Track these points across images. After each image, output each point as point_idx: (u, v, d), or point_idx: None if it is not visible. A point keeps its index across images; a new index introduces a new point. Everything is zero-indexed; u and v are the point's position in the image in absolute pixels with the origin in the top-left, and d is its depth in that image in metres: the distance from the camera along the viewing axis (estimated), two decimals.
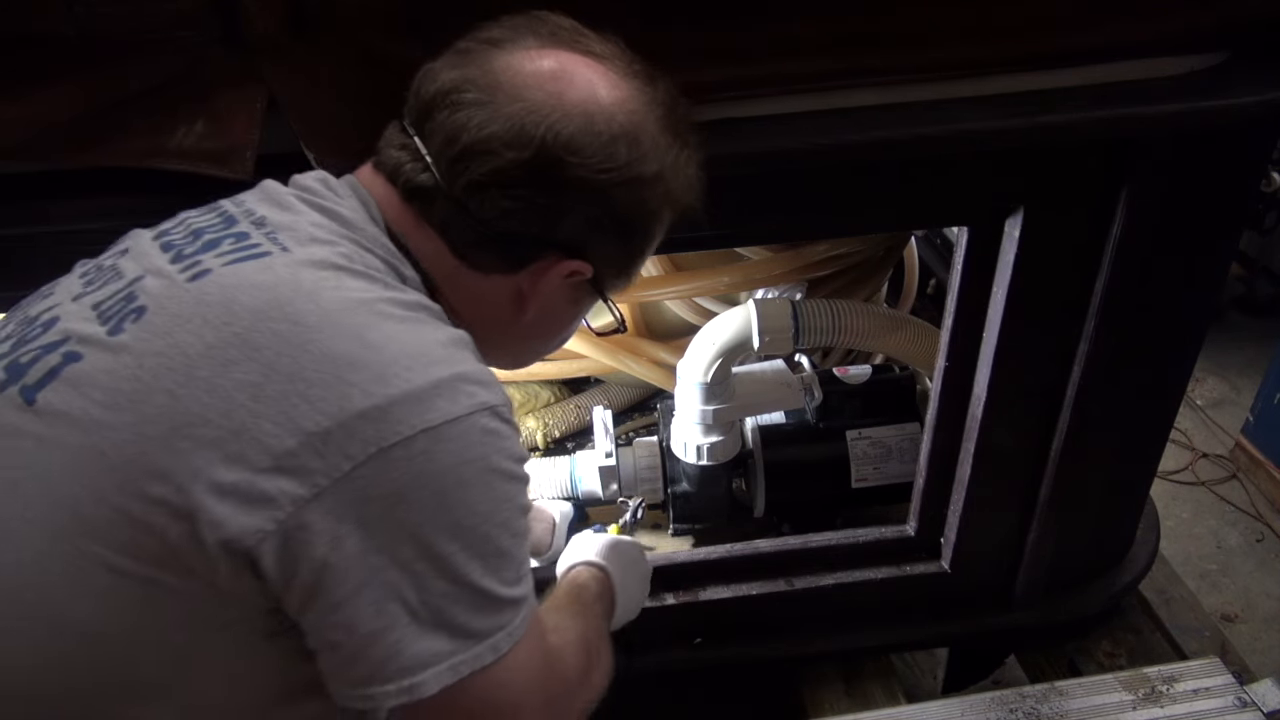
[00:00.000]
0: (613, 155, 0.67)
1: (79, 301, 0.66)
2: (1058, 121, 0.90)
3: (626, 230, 0.73)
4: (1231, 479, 2.38)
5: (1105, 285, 1.05)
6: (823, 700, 1.38)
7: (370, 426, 0.57)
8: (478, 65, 0.68)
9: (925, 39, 0.87)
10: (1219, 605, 2.04)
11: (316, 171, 0.75)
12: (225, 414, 0.57)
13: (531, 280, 0.72)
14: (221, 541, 0.56)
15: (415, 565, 0.59)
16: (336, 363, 0.58)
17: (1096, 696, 1.28)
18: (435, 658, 0.59)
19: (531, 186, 0.67)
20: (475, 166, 0.67)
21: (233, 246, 0.65)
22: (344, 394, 0.57)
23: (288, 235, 0.66)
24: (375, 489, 0.57)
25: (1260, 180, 1.12)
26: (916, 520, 1.33)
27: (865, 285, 1.54)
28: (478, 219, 0.69)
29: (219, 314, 0.60)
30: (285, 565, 0.57)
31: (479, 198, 0.68)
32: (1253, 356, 2.70)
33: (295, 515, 0.56)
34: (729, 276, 1.43)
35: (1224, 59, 0.94)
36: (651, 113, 0.71)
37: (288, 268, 0.63)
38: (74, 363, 0.61)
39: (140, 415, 0.57)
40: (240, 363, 0.58)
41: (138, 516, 0.56)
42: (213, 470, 0.56)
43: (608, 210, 0.70)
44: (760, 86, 0.88)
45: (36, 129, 0.79)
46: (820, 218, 1.05)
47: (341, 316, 0.60)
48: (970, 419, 1.19)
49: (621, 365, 1.53)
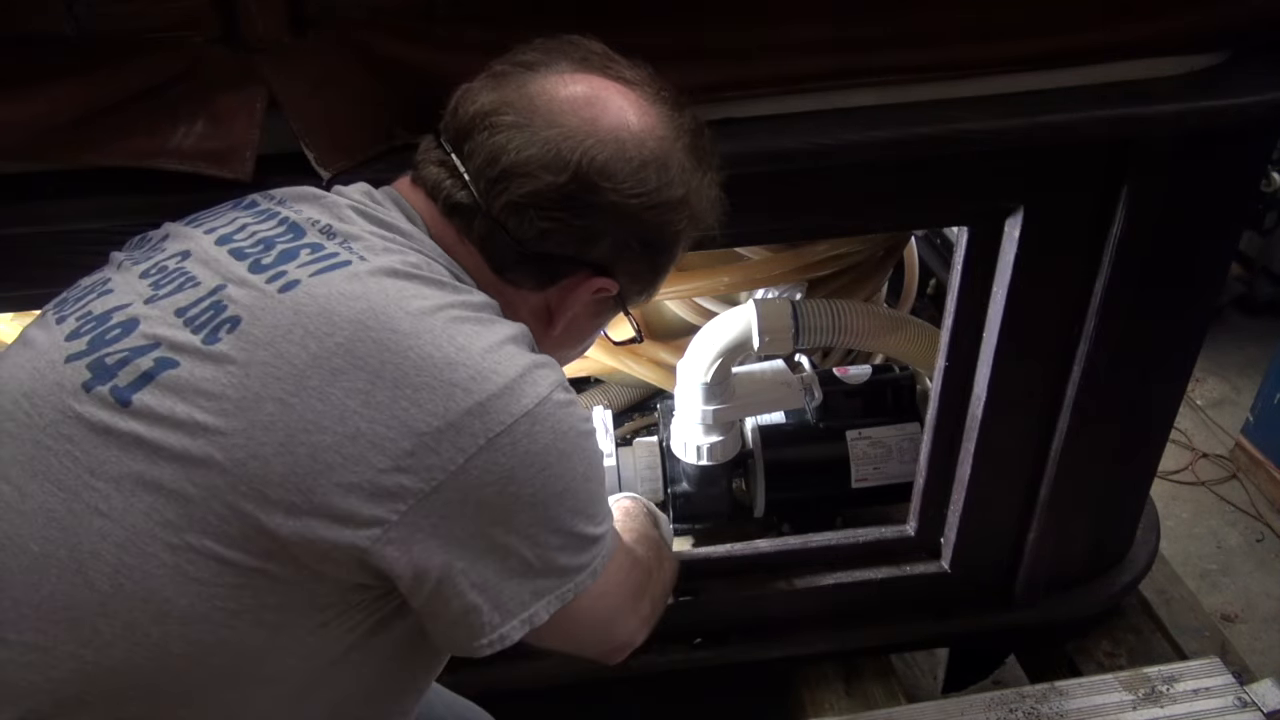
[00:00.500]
0: (643, 180, 0.71)
1: (156, 305, 0.67)
2: (1058, 121, 0.90)
3: (652, 250, 0.77)
4: (1231, 479, 2.37)
5: (1105, 285, 1.05)
6: (823, 700, 1.38)
7: (477, 421, 0.62)
8: (514, 88, 0.72)
9: (925, 39, 0.87)
10: (1219, 605, 2.04)
11: (359, 184, 0.78)
12: (340, 419, 0.61)
13: (560, 295, 0.77)
14: (342, 536, 0.61)
15: (530, 530, 0.66)
16: (436, 365, 0.63)
17: (1096, 696, 1.28)
18: (546, 590, 0.68)
19: (567, 209, 0.71)
20: (514, 188, 0.70)
21: (311, 257, 0.68)
22: (449, 394, 0.62)
23: (359, 245, 0.69)
24: (489, 475, 0.63)
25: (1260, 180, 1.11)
26: (916, 520, 1.33)
27: (865, 285, 1.54)
28: (515, 238, 0.72)
29: (320, 325, 0.63)
30: (408, 554, 0.62)
31: (517, 218, 0.71)
32: (1253, 356, 2.70)
33: (417, 507, 0.62)
34: (729, 276, 1.43)
35: (1224, 59, 0.94)
36: (679, 139, 0.74)
37: (372, 277, 0.66)
38: (170, 369, 0.63)
39: (251, 422, 0.61)
40: (347, 371, 0.62)
41: (250, 514, 0.60)
42: (334, 473, 0.60)
43: (636, 232, 0.74)
44: (760, 86, 0.89)
45: (36, 129, 0.79)
46: (820, 218, 1.05)
47: (430, 322, 0.65)
48: (970, 419, 1.19)
49: (621, 365, 1.53)
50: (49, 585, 0.60)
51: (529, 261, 0.74)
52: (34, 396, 0.64)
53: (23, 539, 0.61)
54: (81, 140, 0.80)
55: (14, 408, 0.64)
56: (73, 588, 0.60)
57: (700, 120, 0.77)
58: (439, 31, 0.83)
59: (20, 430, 0.63)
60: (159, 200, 0.84)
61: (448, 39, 0.83)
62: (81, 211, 0.85)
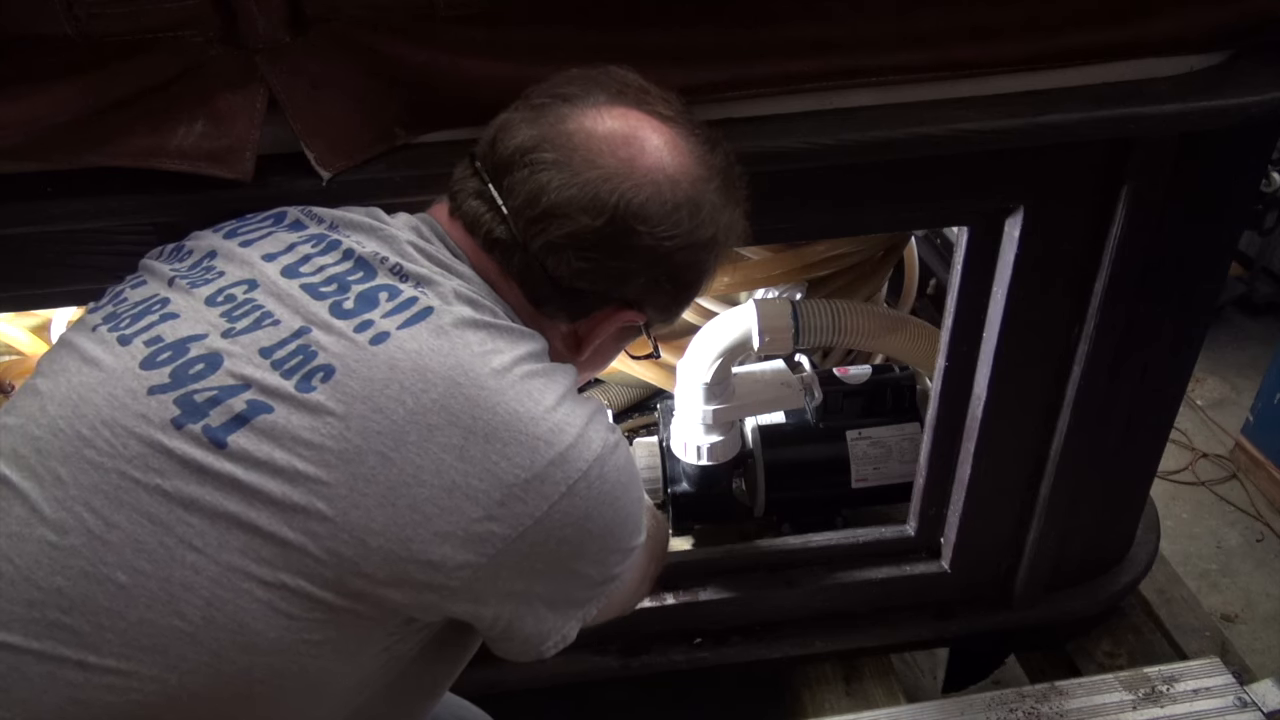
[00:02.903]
0: (677, 223, 0.74)
1: (236, 341, 0.68)
2: (1058, 121, 0.90)
3: (680, 285, 0.80)
4: (1231, 479, 2.37)
5: (1105, 285, 1.05)
6: (823, 700, 1.38)
7: (558, 471, 0.67)
8: (552, 124, 0.73)
9: (925, 39, 0.87)
10: (1219, 605, 2.04)
11: (403, 215, 0.80)
12: (437, 473, 0.64)
13: (590, 326, 0.80)
14: (434, 579, 0.65)
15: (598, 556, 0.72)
16: (522, 421, 0.67)
17: (1096, 696, 1.28)
18: (601, 595, 0.76)
19: (603, 250, 0.73)
20: (553, 229, 0.72)
21: (392, 305, 0.70)
22: (533, 448, 0.66)
23: (432, 291, 0.72)
24: (569, 517, 0.68)
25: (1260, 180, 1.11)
26: (916, 520, 1.33)
27: (865, 285, 1.54)
28: (552, 275, 0.75)
29: (415, 381, 0.66)
30: (492, 591, 0.68)
31: (555, 257, 0.74)
32: (1253, 356, 2.70)
33: (505, 550, 0.66)
34: (729, 276, 1.43)
35: (1224, 59, 0.94)
36: (711, 181, 0.76)
37: (456, 330, 0.69)
38: (264, 414, 0.65)
39: (354, 475, 0.63)
40: (443, 428, 0.65)
41: (350, 559, 0.63)
42: (431, 523, 0.64)
43: (667, 271, 0.77)
44: (760, 86, 0.89)
45: (36, 129, 0.79)
46: (820, 218, 1.05)
47: (510, 378, 0.69)
48: (970, 419, 1.19)
49: (621, 365, 1.53)
50: (137, 613, 0.61)
51: (563, 296, 0.77)
52: (115, 426, 0.64)
53: (109, 568, 0.61)
54: (81, 140, 0.80)
55: (93, 435, 0.64)
56: (163, 617, 0.61)
57: (731, 157, 0.79)
58: (440, 31, 0.83)
59: (104, 460, 0.63)
60: (159, 200, 0.84)
61: (449, 39, 0.83)
62: (81, 211, 0.85)
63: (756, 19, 0.85)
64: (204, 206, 0.81)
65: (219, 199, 0.81)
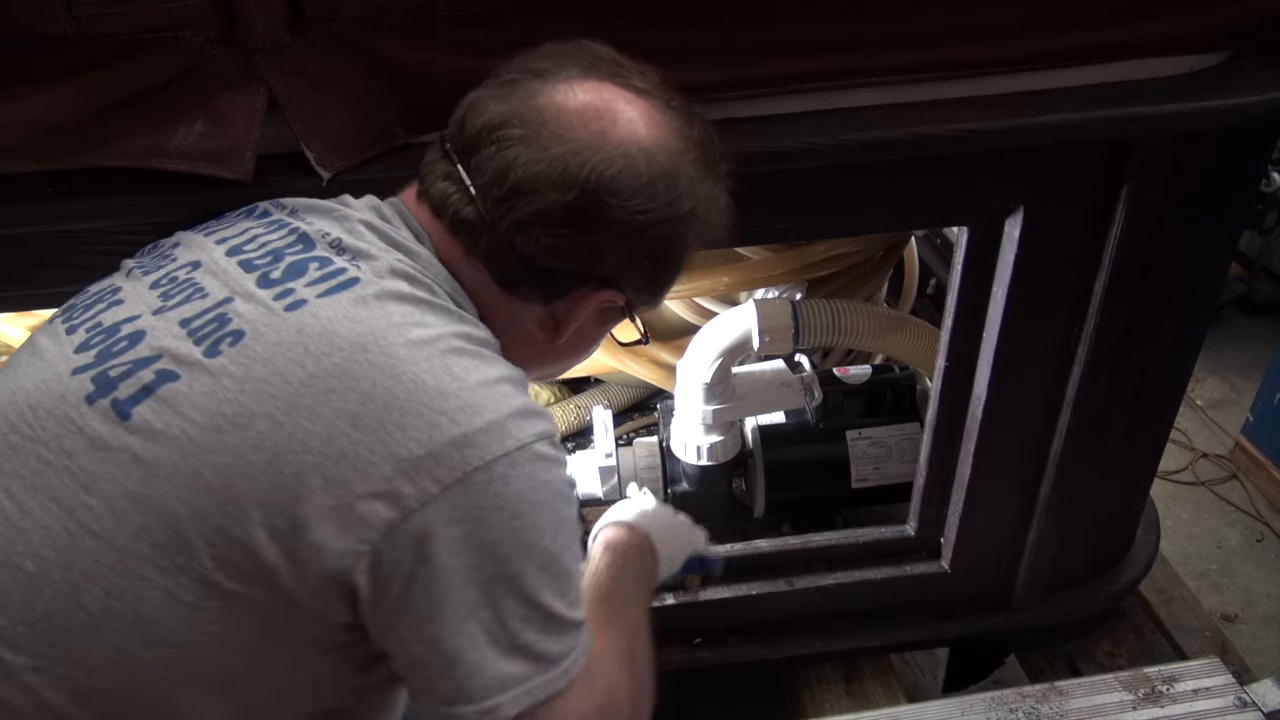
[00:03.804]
0: (652, 196, 0.70)
1: (163, 316, 0.67)
2: (1058, 121, 0.90)
3: (659, 262, 0.76)
4: (1231, 479, 2.37)
5: (1105, 285, 1.05)
6: (823, 700, 1.38)
7: (457, 453, 0.61)
8: (522, 99, 0.70)
9: (925, 39, 0.87)
10: (1219, 605, 2.04)
11: (367, 198, 0.77)
12: (327, 440, 0.60)
13: (566, 307, 0.76)
14: (318, 562, 0.60)
15: (492, 586, 0.62)
16: (428, 392, 0.62)
17: (1096, 696, 1.28)
18: (514, 680, 0.63)
19: (574, 226, 0.70)
20: (521, 206, 0.69)
21: (319, 274, 0.67)
22: (434, 423, 0.61)
23: (367, 264, 0.69)
24: (458, 511, 0.61)
25: (1260, 180, 1.11)
26: (916, 520, 1.33)
27: (865, 285, 1.54)
28: (521, 255, 0.72)
29: (320, 345, 0.63)
30: (376, 585, 0.61)
31: (524, 235, 0.71)
32: (1253, 356, 2.69)
33: (387, 537, 0.60)
34: (729, 276, 1.43)
35: (1224, 59, 0.94)
36: (688, 153, 0.73)
37: (378, 300, 0.66)
38: (170, 381, 0.63)
39: (243, 440, 0.60)
40: (340, 392, 0.61)
41: (237, 536, 0.59)
42: (314, 495, 0.59)
43: (644, 247, 0.73)
44: (760, 86, 0.89)
45: (36, 129, 0.79)
46: (820, 218, 1.05)
47: (428, 349, 0.64)
48: (970, 419, 1.19)
49: (621, 365, 1.53)
50: (43, 605, 0.59)
51: (535, 277, 0.74)
52: (38, 409, 0.63)
53: (19, 556, 0.60)
54: (81, 140, 0.80)
55: (19, 419, 0.64)
56: (66, 609, 0.59)
57: (710, 130, 0.76)
58: (440, 31, 0.83)
59: (24, 444, 0.63)
60: (159, 200, 0.84)
61: (448, 39, 0.83)
62: (81, 211, 0.85)
63: (756, 19, 0.85)
64: (204, 206, 0.81)
65: (219, 199, 0.81)
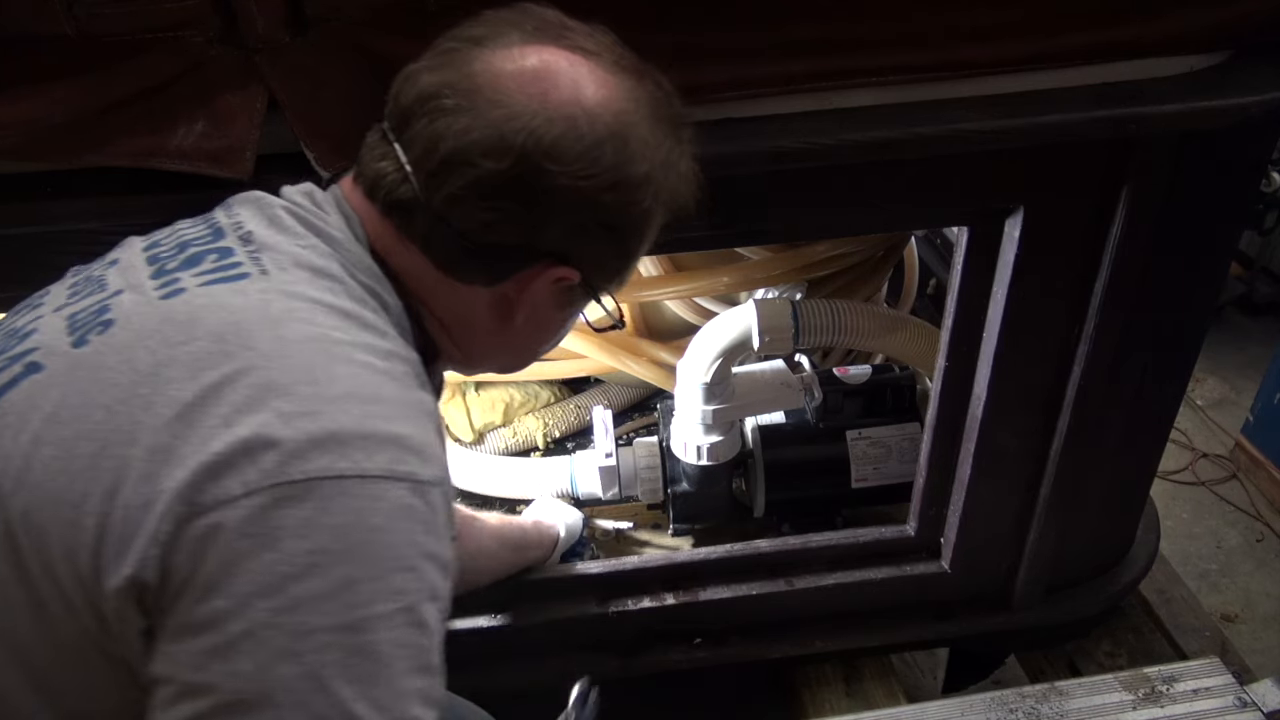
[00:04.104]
0: (597, 160, 0.65)
1: (60, 312, 0.64)
2: (1058, 121, 0.90)
3: (615, 233, 0.70)
4: (1231, 479, 2.37)
5: (1105, 285, 1.05)
6: (823, 700, 1.38)
7: (274, 457, 0.53)
8: (458, 67, 0.65)
9: (925, 39, 0.87)
10: (1219, 605, 2.04)
11: (304, 184, 0.73)
12: (153, 431, 0.54)
13: (518, 287, 0.70)
14: (117, 561, 0.53)
15: (267, 633, 0.51)
16: (271, 390, 0.55)
17: (1096, 696, 1.28)
18: None
19: (512, 197, 0.64)
20: (455, 178, 0.64)
21: (213, 265, 0.63)
22: (264, 421, 0.54)
23: (271, 256, 0.64)
24: (253, 526, 0.52)
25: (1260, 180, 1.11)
26: (916, 520, 1.33)
27: (865, 285, 1.54)
28: (458, 232, 0.66)
29: (178, 333, 0.58)
30: (161, 587, 0.53)
31: (459, 210, 0.65)
32: (1253, 356, 2.70)
33: (175, 536, 0.52)
34: (729, 276, 1.43)
35: (1224, 59, 0.94)
36: (640, 110, 0.68)
37: (262, 293, 0.61)
38: (34, 374, 0.59)
39: (77, 432, 0.56)
40: (179, 381, 0.56)
41: (57, 538, 0.54)
42: (126, 490, 0.54)
43: (595, 215, 0.67)
44: (760, 86, 0.88)
45: (36, 129, 0.79)
46: (820, 218, 1.05)
47: (299, 349, 0.58)
48: (970, 419, 1.19)
49: (621, 365, 1.53)
50: None
51: (474, 255, 0.67)
52: None
53: None
54: (81, 140, 0.80)
55: None
56: None
57: (668, 88, 0.71)
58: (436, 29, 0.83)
59: None
60: (159, 200, 0.84)
61: None
62: (81, 211, 0.85)
63: (756, 19, 0.85)
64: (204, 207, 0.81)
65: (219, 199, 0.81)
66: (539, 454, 1.62)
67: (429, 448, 0.59)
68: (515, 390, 1.65)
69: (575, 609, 1.29)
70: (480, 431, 1.61)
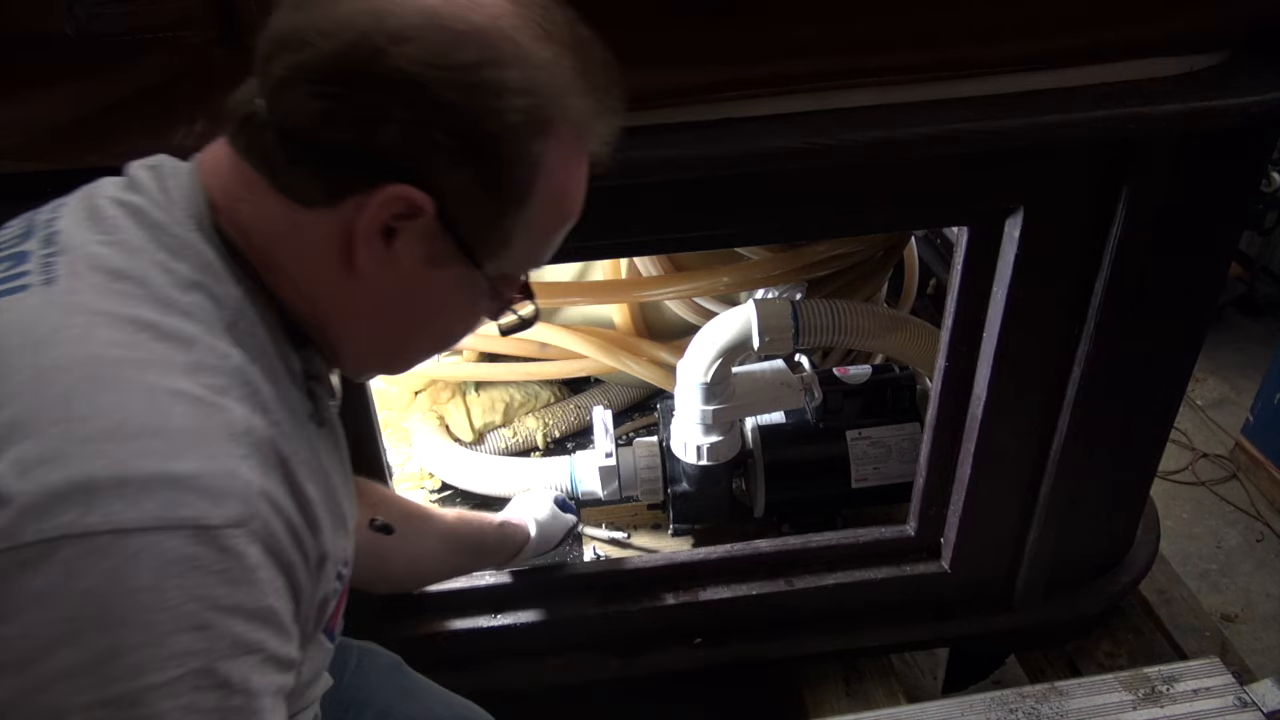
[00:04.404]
0: (450, 54, 0.55)
1: None
2: (1058, 121, 0.90)
3: (475, 152, 0.57)
4: (1231, 479, 2.37)
5: (1105, 285, 1.05)
6: (823, 700, 1.38)
7: (5, 517, 0.45)
8: None
9: (925, 39, 0.87)
10: (1219, 605, 2.04)
11: (157, 156, 0.65)
12: None
13: (358, 214, 0.58)
14: None
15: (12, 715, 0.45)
16: (16, 432, 0.47)
17: (1096, 696, 1.28)
18: None
19: (343, 81, 0.55)
20: (282, 60, 0.56)
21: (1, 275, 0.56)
22: (28, 457, 0.46)
23: (66, 261, 0.56)
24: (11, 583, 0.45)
25: (1260, 180, 1.11)
26: (916, 520, 1.33)
27: (865, 285, 1.54)
28: (288, 128, 0.57)
29: None
30: None
31: (286, 98, 0.56)
32: (1253, 356, 2.70)
33: None
34: (729, 276, 1.43)
35: (1224, 59, 0.94)
36: (526, 16, 0.58)
37: (34, 310, 0.53)
38: None
39: None
40: None
41: None
42: None
43: (441, 119, 0.56)
44: (760, 86, 0.88)
45: (36, 129, 0.79)
46: (820, 218, 1.05)
47: (58, 378, 0.49)
48: (970, 419, 1.19)
49: (621, 365, 1.53)
50: None
51: (305, 158, 0.57)
52: None
53: None
54: (81, 140, 0.80)
55: None
56: None
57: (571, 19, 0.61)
58: None
59: None
60: None
61: None
62: None
63: (756, 19, 0.85)
64: None
65: None
66: (539, 454, 1.62)
67: (228, 482, 0.50)
68: (515, 390, 1.65)
69: (575, 609, 1.29)
70: (480, 431, 1.61)
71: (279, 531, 0.54)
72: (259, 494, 0.52)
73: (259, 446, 0.54)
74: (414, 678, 1.04)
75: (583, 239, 0.71)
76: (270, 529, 0.53)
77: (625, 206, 0.95)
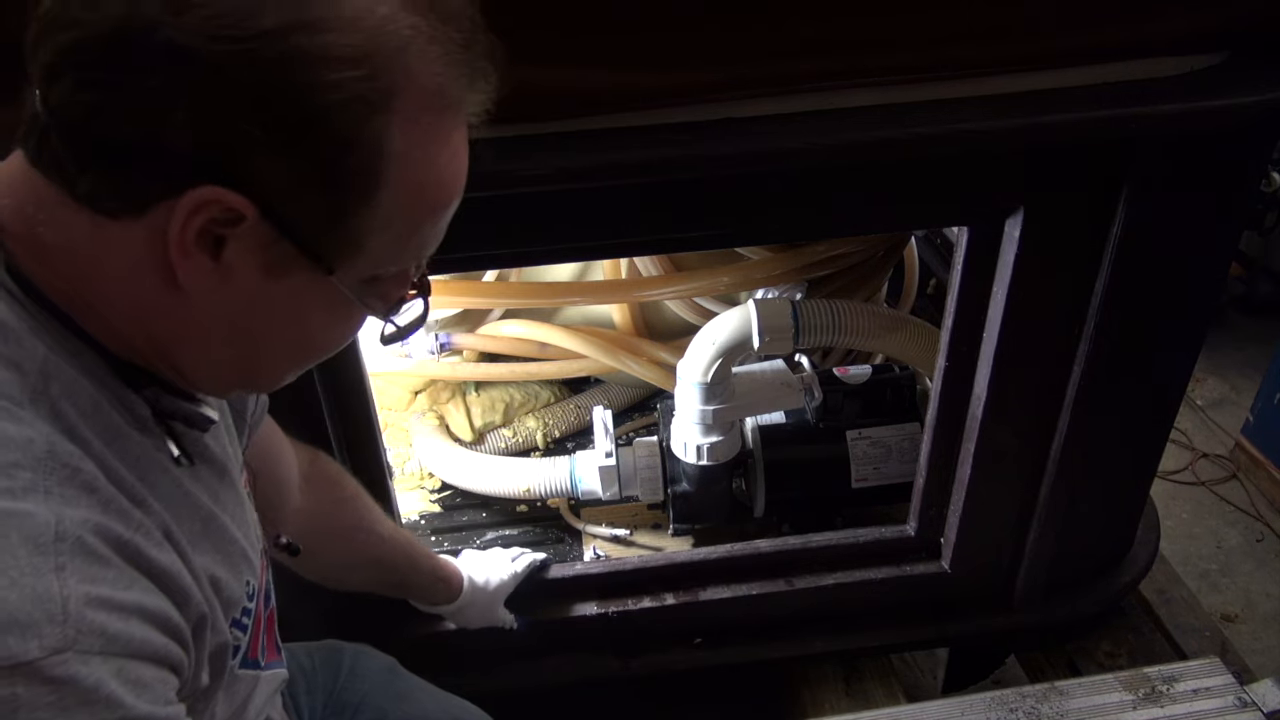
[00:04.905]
0: (244, 21, 0.45)
1: None
2: (1058, 121, 0.90)
3: (298, 141, 0.48)
4: (1231, 479, 2.37)
5: (1105, 285, 1.05)
6: (823, 700, 1.38)
7: None
8: None
9: (925, 39, 0.87)
10: (1219, 605, 2.04)
11: None
12: None
13: (169, 222, 0.48)
14: None
15: None
16: None
17: (1096, 696, 1.28)
18: None
19: (110, 66, 0.45)
20: (50, 44, 0.47)
21: None
22: None
23: None
24: None
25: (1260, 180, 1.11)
26: (916, 520, 1.33)
27: (865, 285, 1.55)
28: (64, 126, 0.48)
29: None
30: None
31: (55, 90, 0.47)
32: (1253, 356, 2.69)
33: None
34: (729, 276, 1.43)
35: (1224, 59, 0.94)
36: None
37: None
38: None
39: None
40: None
41: None
42: None
43: (250, 106, 0.46)
44: (760, 86, 0.88)
45: None
46: (820, 218, 1.05)
47: None
48: (970, 419, 1.19)
49: (621, 365, 1.53)
50: None
51: (95, 162, 0.48)
52: None
53: None
54: None
55: None
56: None
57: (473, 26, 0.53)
58: None
59: None
60: None
61: None
62: None
63: (756, 19, 0.85)
64: None
65: None
66: (539, 454, 1.62)
67: (37, 607, 0.43)
68: (515, 390, 1.66)
69: (575, 609, 1.29)
70: (480, 431, 1.62)
71: (126, 629, 0.47)
72: (85, 603, 0.45)
73: (80, 544, 0.46)
74: (409, 679, 1.04)
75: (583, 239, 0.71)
76: (111, 632, 0.46)
77: (625, 206, 0.95)
